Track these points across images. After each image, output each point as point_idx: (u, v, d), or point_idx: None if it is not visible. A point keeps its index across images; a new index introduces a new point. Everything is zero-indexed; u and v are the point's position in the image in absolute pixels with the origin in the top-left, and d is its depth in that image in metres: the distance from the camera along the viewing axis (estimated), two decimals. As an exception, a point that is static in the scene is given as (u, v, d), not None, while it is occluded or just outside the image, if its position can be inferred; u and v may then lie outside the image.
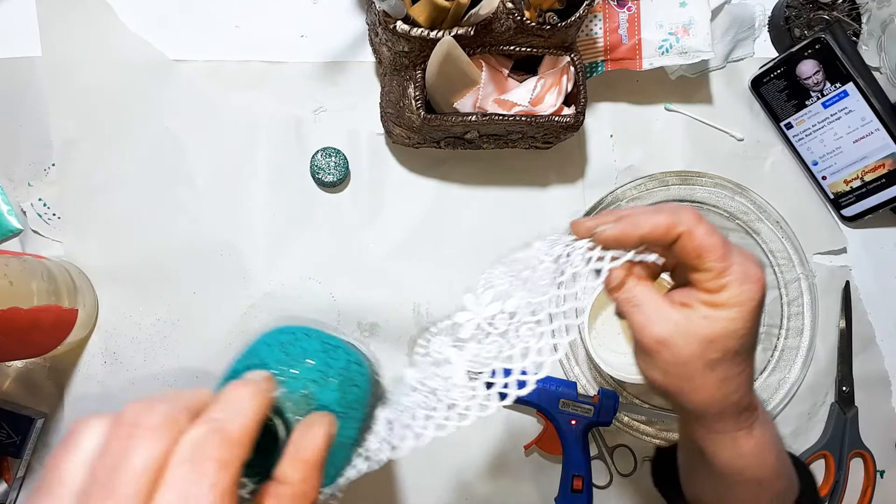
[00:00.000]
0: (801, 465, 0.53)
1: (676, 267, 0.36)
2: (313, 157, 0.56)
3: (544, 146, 0.57)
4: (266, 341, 0.37)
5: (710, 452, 0.36)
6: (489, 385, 0.32)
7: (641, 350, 0.34)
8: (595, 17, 0.55)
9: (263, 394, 0.25)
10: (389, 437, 0.32)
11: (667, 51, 0.56)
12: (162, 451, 0.21)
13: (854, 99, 0.57)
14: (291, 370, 0.33)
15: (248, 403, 0.24)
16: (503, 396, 0.31)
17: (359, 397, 0.35)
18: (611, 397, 0.56)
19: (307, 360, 0.34)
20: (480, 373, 0.32)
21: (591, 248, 0.33)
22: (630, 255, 0.32)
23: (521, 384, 0.31)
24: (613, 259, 0.32)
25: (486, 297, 0.33)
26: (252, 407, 0.24)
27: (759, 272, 0.32)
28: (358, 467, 0.32)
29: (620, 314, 0.35)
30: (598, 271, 0.33)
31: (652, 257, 0.33)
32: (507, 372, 0.32)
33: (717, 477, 0.37)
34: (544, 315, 0.32)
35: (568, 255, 0.33)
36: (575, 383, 0.57)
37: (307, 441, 0.26)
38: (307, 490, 0.25)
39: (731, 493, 0.38)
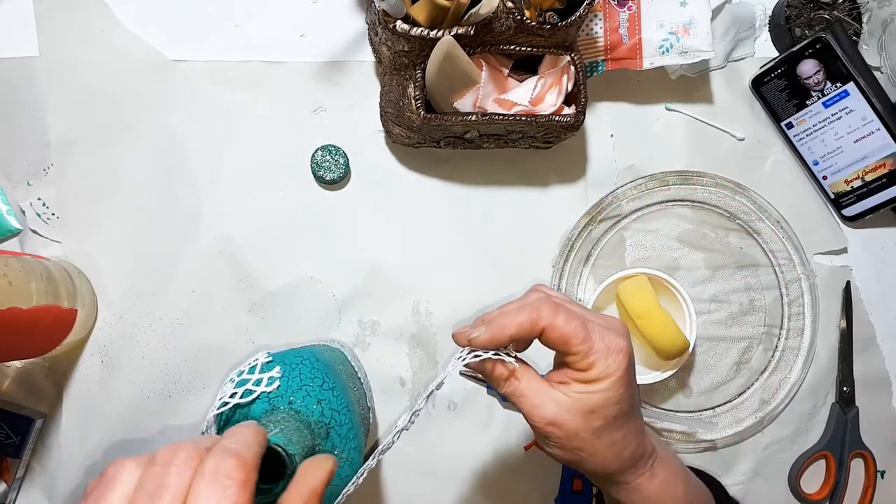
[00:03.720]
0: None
1: None
2: (313, 154, 0.56)
3: (544, 146, 0.57)
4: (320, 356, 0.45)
5: (624, 503, 0.40)
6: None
7: (537, 433, 0.37)
8: (595, 16, 0.55)
9: (262, 433, 0.30)
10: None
11: (667, 50, 0.55)
12: (189, 479, 0.26)
13: (855, 99, 0.57)
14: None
15: (252, 438, 0.29)
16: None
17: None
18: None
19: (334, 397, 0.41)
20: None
21: (463, 356, 0.37)
22: (489, 355, 0.36)
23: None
24: (476, 356, 0.36)
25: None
26: (257, 441, 0.29)
27: (621, 343, 0.36)
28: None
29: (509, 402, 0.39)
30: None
31: (509, 359, 0.37)
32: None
33: None
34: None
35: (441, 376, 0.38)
36: (575, 383, 0.57)
37: (313, 473, 0.31)
38: None
39: None
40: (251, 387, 0.39)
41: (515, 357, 0.37)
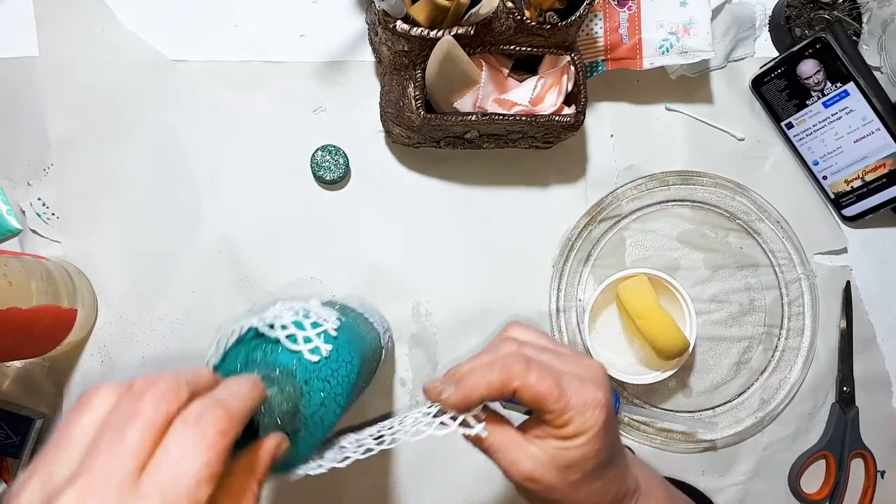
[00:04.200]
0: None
1: None
2: (313, 154, 0.56)
3: (544, 146, 0.57)
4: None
5: None
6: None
7: (516, 486, 0.37)
8: (595, 16, 0.55)
9: (260, 391, 0.30)
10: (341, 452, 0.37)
11: (667, 50, 0.55)
12: (164, 413, 0.25)
13: (855, 98, 0.57)
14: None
15: (248, 393, 0.29)
16: None
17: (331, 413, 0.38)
18: (611, 397, 0.56)
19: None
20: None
21: (428, 414, 0.36)
22: (454, 426, 0.35)
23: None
24: (442, 424, 0.35)
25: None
26: (251, 396, 0.29)
27: (598, 395, 0.35)
28: (310, 468, 0.36)
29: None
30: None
31: (478, 428, 0.35)
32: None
33: None
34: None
35: (401, 422, 0.37)
36: (575, 383, 0.57)
37: (265, 449, 0.31)
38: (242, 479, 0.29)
39: None
40: (300, 336, 0.36)
41: (490, 413, 0.36)
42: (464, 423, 0.35)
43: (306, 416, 0.37)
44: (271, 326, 0.36)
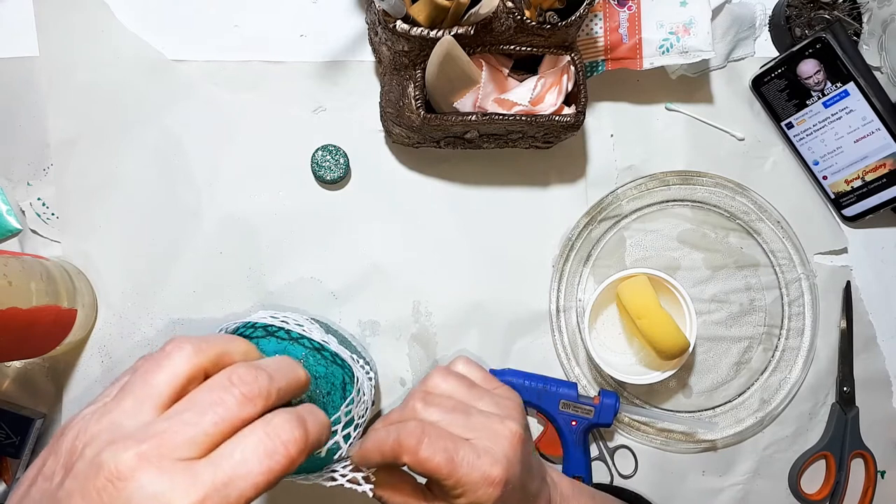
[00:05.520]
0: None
1: None
2: (314, 154, 0.56)
3: (545, 146, 0.57)
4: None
5: None
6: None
7: None
8: (595, 16, 0.55)
9: (329, 431, 0.29)
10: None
11: (667, 50, 0.55)
12: (246, 416, 0.26)
13: (855, 98, 0.57)
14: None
15: (326, 429, 0.29)
16: None
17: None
18: (611, 398, 0.56)
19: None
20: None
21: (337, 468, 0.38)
22: (342, 481, 0.36)
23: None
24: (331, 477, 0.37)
25: None
26: (326, 433, 0.29)
27: (492, 473, 0.34)
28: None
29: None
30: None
31: (364, 487, 0.36)
32: None
33: None
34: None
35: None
36: (575, 384, 0.57)
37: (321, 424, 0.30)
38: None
39: None
40: (346, 431, 0.40)
41: (393, 473, 0.38)
42: (354, 481, 0.36)
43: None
44: (363, 370, 0.41)
